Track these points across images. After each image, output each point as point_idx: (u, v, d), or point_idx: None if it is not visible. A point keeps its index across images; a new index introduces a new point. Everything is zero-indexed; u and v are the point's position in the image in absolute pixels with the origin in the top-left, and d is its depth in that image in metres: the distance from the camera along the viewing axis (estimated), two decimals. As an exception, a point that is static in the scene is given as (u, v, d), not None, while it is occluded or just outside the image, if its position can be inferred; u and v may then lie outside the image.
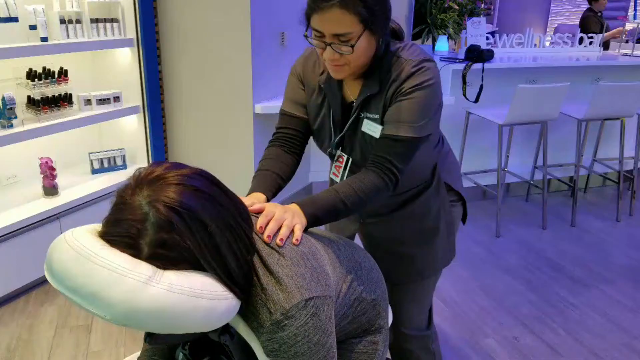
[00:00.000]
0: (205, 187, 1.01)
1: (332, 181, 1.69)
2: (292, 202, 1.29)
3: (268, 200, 1.40)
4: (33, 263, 2.79)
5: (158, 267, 0.94)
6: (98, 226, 1.00)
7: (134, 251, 0.94)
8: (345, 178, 1.52)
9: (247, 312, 1.08)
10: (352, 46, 1.26)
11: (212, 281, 0.98)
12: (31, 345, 2.42)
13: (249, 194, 1.41)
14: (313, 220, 1.28)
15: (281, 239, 1.12)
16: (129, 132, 3.42)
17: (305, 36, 1.33)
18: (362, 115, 1.44)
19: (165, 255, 0.95)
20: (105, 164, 3.35)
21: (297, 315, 1.04)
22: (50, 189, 2.95)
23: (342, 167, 1.54)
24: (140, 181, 0.98)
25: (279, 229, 1.16)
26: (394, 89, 1.36)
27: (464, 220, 1.78)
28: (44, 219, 2.79)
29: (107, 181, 3.20)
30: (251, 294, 1.07)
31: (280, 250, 1.12)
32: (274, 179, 1.48)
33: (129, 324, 0.91)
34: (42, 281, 2.90)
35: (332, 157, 1.58)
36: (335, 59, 1.31)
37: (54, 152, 3.14)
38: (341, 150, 1.53)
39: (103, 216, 1.01)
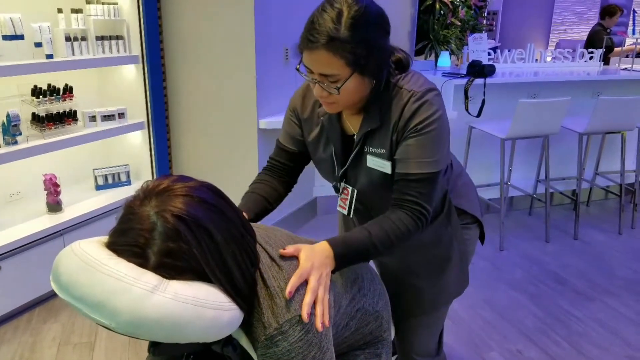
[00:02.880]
0: (211, 198, 1.03)
1: (339, 213, 1.68)
2: (325, 240, 1.26)
3: (250, 219, 1.41)
4: (36, 280, 2.79)
5: (164, 276, 0.95)
6: (104, 238, 1.02)
7: (142, 260, 0.95)
8: (352, 210, 1.52)
9: (246, 324, 1.08)
10: (338, 88, 1.24)
11: (217, 292, 0.99)
12: (35, 361, 2.42)
13: None
14: (342, 262, 1.25)
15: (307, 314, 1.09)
16: (134, 148, 3.45)
17: (297, 69, 1.31)
18: (366, 149, 1.40)
19: (172, 265, 0.96)
20: (110, 180, 3.37)
21: (290, 331, 1.05)
22: (54, 206, 2.96)
23: (348, 199, 1.52)
24: (148, 192, 1.00)
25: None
26: (402, 125, 1.32)
27: (482, 240, 1.73)
28: (47, 236, 2.80)
29: (112, 197, 3.20)
30: (252, 306, 1.08)
31: (280, 263, 1.13)
32: (260, 201, 1.51)
33: (134, 333, 0.92)
34: (46, 298, 2.91)
35: (336, 190, 1.56)
36: (323, 96, 1.30)
37: (58, 168, 3.15)
38: (345, 182, 1.51)
39: (107, 232, 1.03)
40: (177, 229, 0.95)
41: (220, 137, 3.41)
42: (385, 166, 1.37)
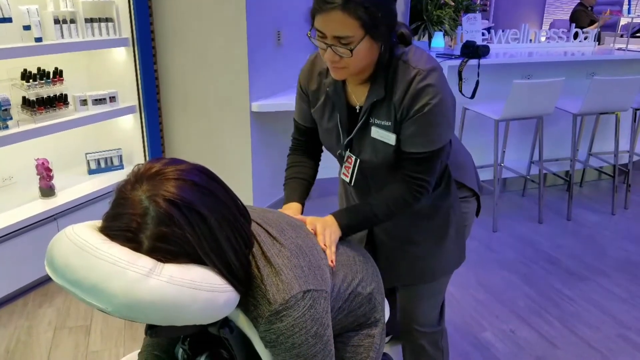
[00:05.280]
0: (203, 181, 1.02)
1: (342, 181, 1.75)
2: (330, 214, 1.44)
3: (303, 207, 1.59)
4: (31, 264, 2.79)
5: (159, 260, 0.95)
6: (98, 222, 1.01)
7: (135, 245, 0.95)
8: (354, 177, 1.58)
9: (247, 304, 1.09)
10: (352, 50, 1.27)
11: (212, 274, 0.99)
12: (30, 347, 2.43)
13: (285, 202, 1.60)
14: (347, 230, 1.43)
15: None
16: (126, 132, 3.43)
17: (309, 35, 1.34)
18: (371, 121, 1.45)
19: (166, 249, 0.96)
20: (102, 164, 3.36)
21: (295, 306, 1.06)
22: (47, 190, 2.95)
23: (351, 168, 1.56)
24: (139, 177, 1.00)
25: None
26: (407, 104, 1.36)
27: (477, 213, 1.78)
28: (41, 220, 2.79)
29: (104, 181, 3.20)
30: (251, 286, 1.08)
31: (281, 241, 1.14)
32: (304, 186, 1.65)
33: (130, 316, 0.92)
34: (41, 282, 2.91)
35: (340, 158, 1.60)
36: (335, 60, 1.32)
37: (50, 153, 3.13)
38: (349, 152, 1.55)
39: (100, 217, 1.02)
40: (170, 213, 0.95)
41: (213, 121, 3.39)
42: (389, 138, 1.42)
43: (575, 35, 4.58)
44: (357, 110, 1.48)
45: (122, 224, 0.96)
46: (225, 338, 1.17)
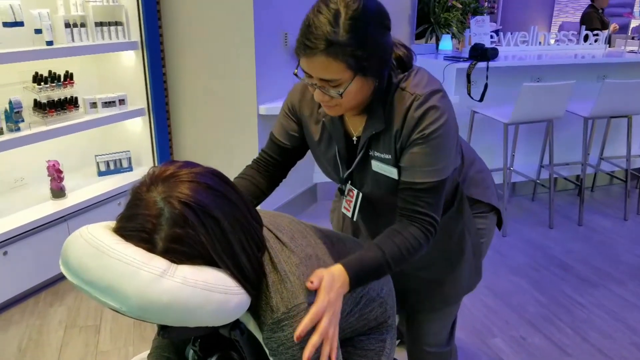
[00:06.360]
0: (217, 184, 1.03)
1: (344, 215, 1.64)
2: (340, 263, 1.19)
3: None
4: (42, 265, 2.81)
5: (172, 261, 0.95)
6: (112, 223, 1.02)
7: (149, 245, 0.95)
8: (356, 212, 1.47)
9: (253, 308, 1.09)
10: (341, 93, 1.18)
11: (225, 276, 1.00)
12: (41, 345, 2.44)
13: None
14: (356, 284, 1.19)
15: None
16: (135, 135, 3.44)
17: (295, 74, 1.24)
18: (371, 153, 1.35)
19: (179, 250, 0.96)
20: (112, 166, 3.37)
21: (298, 316, 1.06)
22: (58, 192, 2.97)
23: (353, 202, 1.46)
24: (155, 178, 1.01)
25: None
26: (407, 133, 1.26)
27: (499, 226, 1.69)
28: (52, 221, 2.81)
29: (114, 183, 3.22)
30: (258, 291, 1.08)
31: (291, 247, 1.14)
32: None
33: (143, 316, 0.93)
34: (51, 282, 2.93)
35: (341, 191, 1.50)
36: (325, 100, 1.23)
37: (60, 154, 3.15)
38: (351, 184, 1.45)
39: (110, 218, 1.03)
40: (184, 215, 0.96)
41: (221, 123, 3.40)
42: (391, 172, 1.32)
43: (586, 38, 4.55)
44: (355, 142, 1.38)
45: (137, 224, 0.96)
46: (236, 340, 1.17)
